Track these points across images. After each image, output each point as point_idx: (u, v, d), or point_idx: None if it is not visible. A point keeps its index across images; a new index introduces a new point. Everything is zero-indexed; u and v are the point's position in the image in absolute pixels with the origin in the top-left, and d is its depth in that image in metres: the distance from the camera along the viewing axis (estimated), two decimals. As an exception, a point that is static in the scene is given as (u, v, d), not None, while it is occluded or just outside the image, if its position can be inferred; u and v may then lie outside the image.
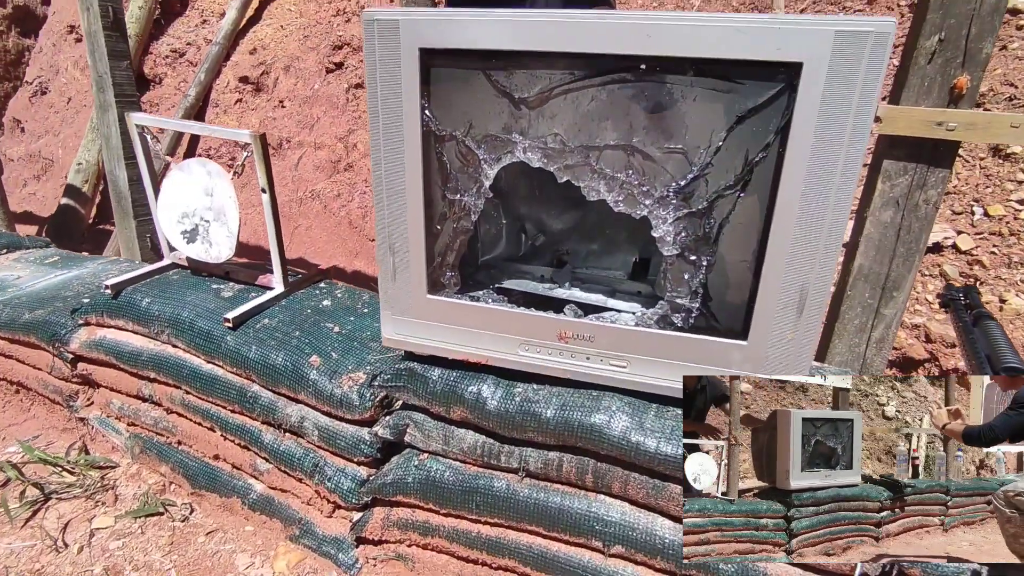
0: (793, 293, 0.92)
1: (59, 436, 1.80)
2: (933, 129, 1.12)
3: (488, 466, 1.20)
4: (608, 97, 0.92)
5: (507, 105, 0.98)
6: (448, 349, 1.16)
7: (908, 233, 1.22)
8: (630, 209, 0.97)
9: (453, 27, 0.93)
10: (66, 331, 1.65)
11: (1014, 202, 2.78)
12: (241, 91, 3.99)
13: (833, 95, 0.81)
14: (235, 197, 1.53)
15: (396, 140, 1.02)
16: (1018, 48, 3.15)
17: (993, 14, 1.05)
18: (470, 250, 1.23)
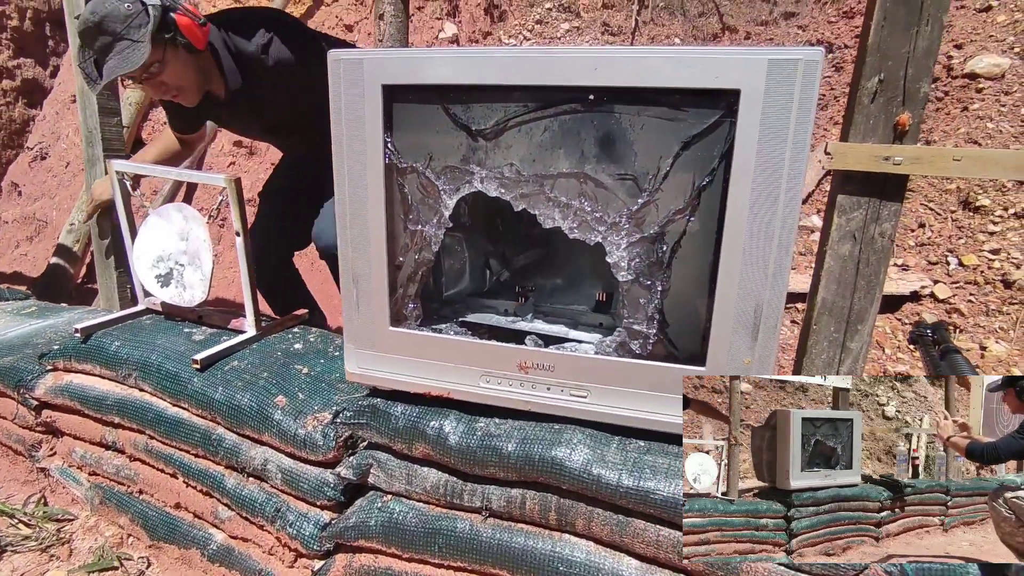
0: (747, 315, 0.93)
1: (19, 488, 1.74)
2: (881, 164, 1.15)
3: (451, 506, 1.16)
4: (560, 127, 0.96)
5: (465, 137, 1.01)
6: (410, 382, 1.15)
7: (867, 266, 1.24)
8: (585, 236, 0.99)
9: (413, 64, 0.98)
10: (32, 377, 1.62)
11: (987, 252, 2.83)
12: (235, 155, 4.11)
13: (770, 119, 0.85)
14: (209, 241, 1.55)
15: (359, 173, 1.05)
16: (979, 108, 3.29)
17: (927, 56, 1.11)
18: (434, 284, 1.24)
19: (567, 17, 4.69)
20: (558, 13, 4.73)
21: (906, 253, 2.99)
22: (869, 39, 1.14)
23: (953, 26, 3.79)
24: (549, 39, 4.59)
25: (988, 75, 3.44)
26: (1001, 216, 2.96)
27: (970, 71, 3.48)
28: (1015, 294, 2.69)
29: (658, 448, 1.05)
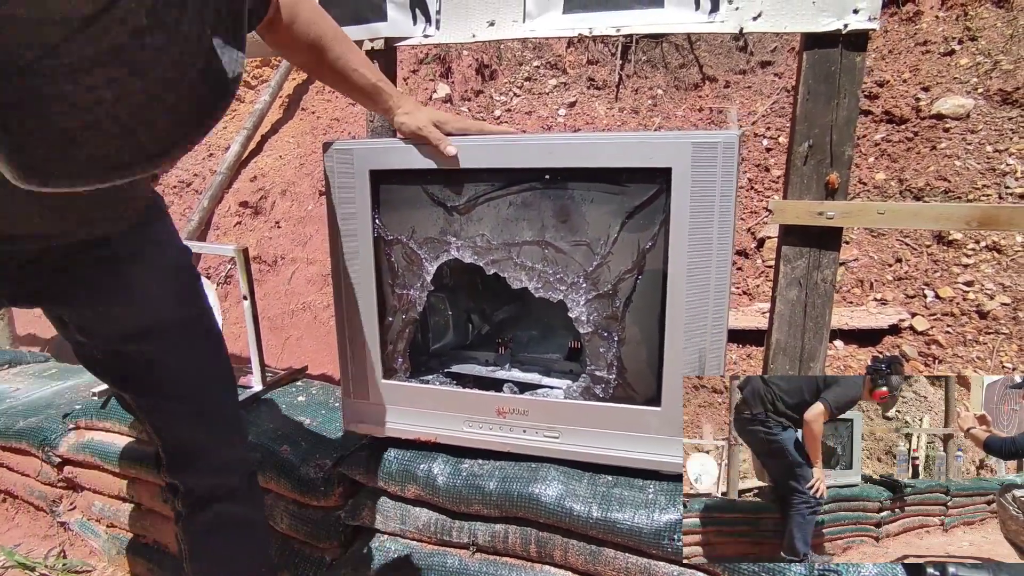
0: (693, 358, 1.05)
1: (40, 543, 1.84)
2: (816, 218, 1.29)
3: (441, 543, 1.26)
4: (522, 202, 1.10)
5: (442, 212, 1.16)
6: (402, 429, 1.27)
7: (813, 308, 1.36)
8: (548, 294, 1.12)
9: (395, 153, 1.14)
10: (56, 435, 1.75)
11: (961, 284, 2.95)
12: (241, 214, 4.31)
13: (699, 191, 0.99)
14: (218, 304, 1.69)
15: (352, 245, 1.20)
16: (946, 147, 3.46)
17: (847, 124, 1.26)
18: (422, 339, 1.37)
19: (554, 74, 4.95)
20: (545, 70, 4.99)
21: (884, 287, 3.11)
22: (797, 110, 1.29)
23: (920, 69, 4.00)
24: (538, 94, 4.84)
25: (954, 115, 3.62)
26: (974, 249, 3.09)
27: (937, 112, 3.67)
28: (990, 324, 2.80)
29: (625, 482, 1.16)
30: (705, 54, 4.93)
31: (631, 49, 4.93)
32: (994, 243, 3.06)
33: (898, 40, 4.16)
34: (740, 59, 4.85)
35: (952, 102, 3.65)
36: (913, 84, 3.94)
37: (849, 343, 2.88)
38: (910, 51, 4.09)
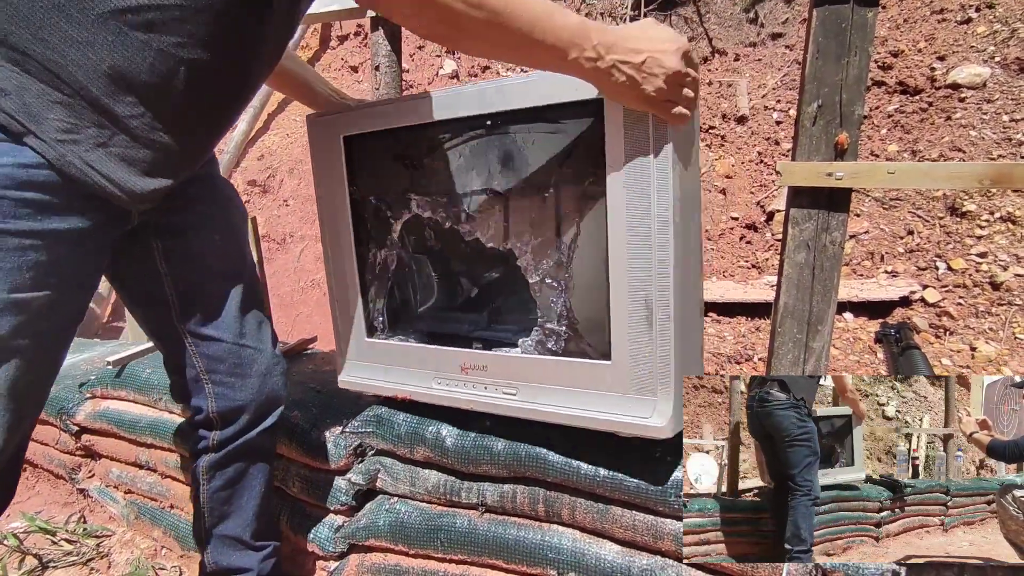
0: (639, 308, 0.96)
1: (60, 510, 1.89)
2: (824, 179, 1.28)
3: (451, 504, 1.28)
4: (471, 151, 1.12)
5: (403, 169, 1.20)
6: (382, 387, 1.31)
7: (821, 271, 1.36)
8: (499, 244, 1.12)
9: (360, 116, 1.20)
10: (73, 404, 1.78)
11: (974, 255, 2.91)
12: (249, 193, 4.32)
13: (631, 120, 0.92)
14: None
15: (331, 208, 1.26)
16: (961, 118, 3.40)
17: (857, 83, 1.24)
18: (404, 300, 1.36)
19: (562, 48, 4.90)
20: (553, 45, 4.93)
21: (895, 260, 3.08)
22: (806, 69, 1.28)
23: (936, 38, 3.92)
24: (545, 70, 4.78)
25: (970, 85, 3.55)
26: (987, 220, 3.05)
27: (952, 81, 3.60)
28: (1003, 295, 2.77)
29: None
30: (715, 27, 4.85)
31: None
32: (1009, 214, 3.01)
33: (914, 8, 4.07)
34: (751, 31, 4.77)
35: (968, 71, 3.58)
36: (928, 53, 3.86)
37: (859, 315, 2.87)
38: (926, 19, 4.00)
